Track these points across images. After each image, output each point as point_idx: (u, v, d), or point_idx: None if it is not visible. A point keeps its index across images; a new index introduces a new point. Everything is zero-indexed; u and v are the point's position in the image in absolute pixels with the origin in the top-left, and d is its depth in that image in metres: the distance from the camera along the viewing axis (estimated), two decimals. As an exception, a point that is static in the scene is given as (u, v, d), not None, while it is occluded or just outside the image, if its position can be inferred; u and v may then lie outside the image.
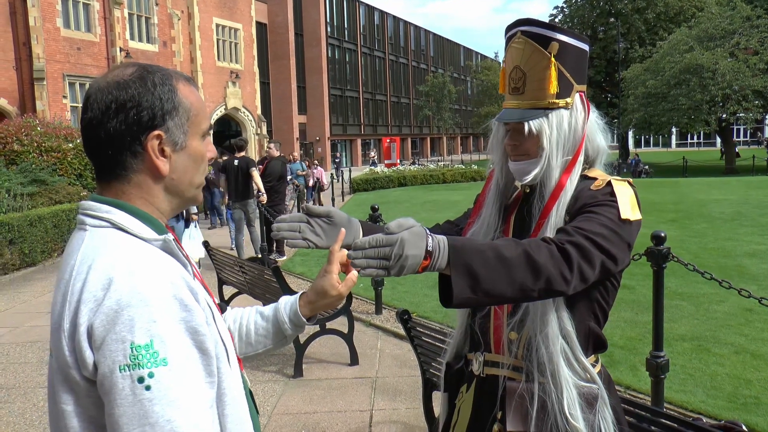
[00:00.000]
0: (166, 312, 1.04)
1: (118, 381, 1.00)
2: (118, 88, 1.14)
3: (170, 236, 1.17)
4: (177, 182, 1.20)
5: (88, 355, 1.03)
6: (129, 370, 1.00)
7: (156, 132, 1.14)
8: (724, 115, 32.72)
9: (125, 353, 1.00)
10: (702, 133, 49.07)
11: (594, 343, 1.63)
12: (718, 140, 45.52)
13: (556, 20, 45.37)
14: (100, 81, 1.17)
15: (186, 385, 1.04)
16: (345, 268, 1.45)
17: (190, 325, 1.06)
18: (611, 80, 44.14)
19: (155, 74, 1.17)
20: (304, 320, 1.47)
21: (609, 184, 1.59)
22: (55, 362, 1.10)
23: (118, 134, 1.13)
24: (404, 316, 3.56)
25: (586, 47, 1.68)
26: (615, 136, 40.57)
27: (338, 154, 45.49)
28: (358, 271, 1.32)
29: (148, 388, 1.00)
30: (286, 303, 1.50)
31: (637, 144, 63.86)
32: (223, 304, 1.73)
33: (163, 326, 1.03)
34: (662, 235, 3.76)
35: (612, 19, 43.98)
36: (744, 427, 2.15)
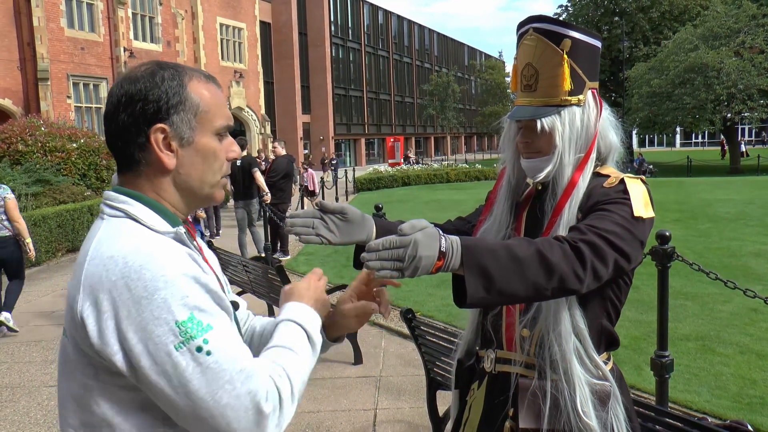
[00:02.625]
0: (190, 286, 1.08)
1: (179, 360, 1.03)
2: (129, 82, 1.18)
3: (182, 229, 1.19)
4: (186, 178, 1.21)
5: (113, 345, 1.06)
6: (185, 346, 1.04)
7: (160, 125, 1.17)
8: (729, 115, 32.59)
9: (174, 332, 1.04)
10: (706, 132, 48.94)
11: (606, 341, 1.64)
12: (722, 139, 45.36)
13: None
14: (118, 78, 1.22)
15: (235, 341, 1.10)
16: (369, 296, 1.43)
17: (211, 291, 1.11)
18: (615, 79, 44.04)
19: (167, 70, 1.20)
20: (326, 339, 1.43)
21: (622, 181, 1.59)
22: (70, 343, 1.14)
23: (125, 127, 1.17)
24: (408, 315, 3.57)
25: (598, 44, 1.68)
26: (619, 135, 40.47)
27: (332, 154, 43.70)
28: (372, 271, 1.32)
29: (208, 353, 1.04)
30: None
31: (641, 143, 63.71)
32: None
33: (195, 298, 1.07)
34: (667, 234, 3.74)
35: (616, 18, 43.88)
36: (749, 427, 2.15)
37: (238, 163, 9.68)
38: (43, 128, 14.88)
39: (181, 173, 1.20)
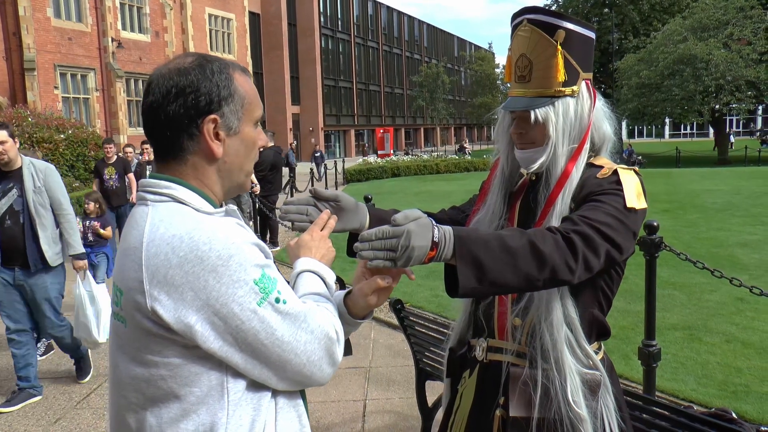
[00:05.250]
0: (254, 250, 1.18)
1: (264, 314, 1.14)
2: (178, 74, 1.22)
3: (232, 206, 1.27)
4: (229, 165, 1.28)
5: (191, 316, 1.11)
6: (265, 300, 1.15)
7: (212, 116, 1.23)
8: (717, 106, 32.77)
9: (254, 290, 1.14)
10: (695, 123, 49.16)
11: (597, 331, 1.65)
12: (711, 131, 45.66)
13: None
14: (162, 68, 1.25)
15: (290, 287, 1.23)
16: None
17: (265, 251, 1.22)
18: (605, 71, 44.11)
19: (214, 63, 1.26)
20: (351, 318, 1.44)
21: (615, 172, 1.60)
22: (130, 328, 1.19)
23: (176, 117, 1.21)
24: (397, 306, 3.57)
25: (592, 35, 1.69)
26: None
27: (317, 146, 42.36)
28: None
29: (284, 302, 1.17)
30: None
31: (631, 134, 63.91)
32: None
33: (260, 258, 1.18)
34: (655, 224, 3.76)
35: (606, 10, 43.90)
36: (734, 415, 2.18)
37: None
38: (30, 119, 14.76)
39: (226, 161, 1.27)
